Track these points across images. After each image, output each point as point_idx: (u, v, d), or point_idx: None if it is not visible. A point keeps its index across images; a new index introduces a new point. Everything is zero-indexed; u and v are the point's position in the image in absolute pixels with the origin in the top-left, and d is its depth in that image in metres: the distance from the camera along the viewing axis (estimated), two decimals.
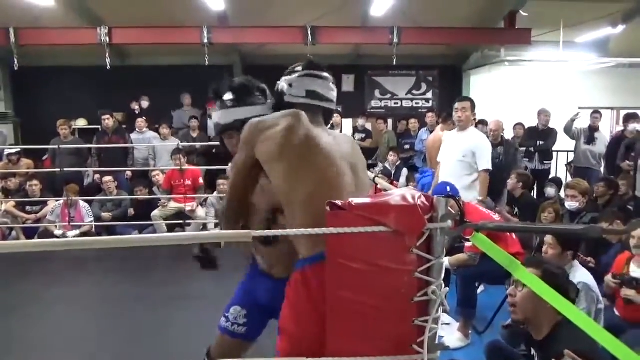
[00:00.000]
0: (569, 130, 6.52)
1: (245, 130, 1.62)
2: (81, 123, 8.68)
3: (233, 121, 1.82)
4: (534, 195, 6.19)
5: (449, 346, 3.08)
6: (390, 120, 8.91)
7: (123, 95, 8.30)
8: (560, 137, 6.63)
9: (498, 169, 5.37)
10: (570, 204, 4.12)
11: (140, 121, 7.16)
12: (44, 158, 7.39)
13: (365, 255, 1.25)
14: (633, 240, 2.82)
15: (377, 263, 1.24)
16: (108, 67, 7.14)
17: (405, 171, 7.00)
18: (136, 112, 7.98)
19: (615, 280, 2.76)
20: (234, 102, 1.83)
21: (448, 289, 1.33)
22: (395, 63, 7.46)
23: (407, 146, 7.52)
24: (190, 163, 6.38)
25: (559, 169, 7.21)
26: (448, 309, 1.36)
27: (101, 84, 8.41)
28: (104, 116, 6.52)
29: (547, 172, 6.69)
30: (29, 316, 3.71)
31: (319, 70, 1.74)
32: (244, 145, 1.61)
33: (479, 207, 3.61)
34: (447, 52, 9.33)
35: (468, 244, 3.25)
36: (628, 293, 2.64)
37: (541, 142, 6.55)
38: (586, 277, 2.54)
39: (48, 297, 4.11)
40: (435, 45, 8.47)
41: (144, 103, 8.10)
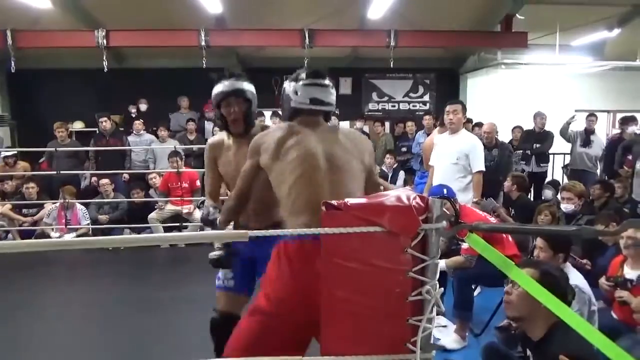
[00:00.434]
0: (564, 133, 6.55)
1: (252, 142, 1.93)
2: (78, 126, 8.66)
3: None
4: (531, 198, 6.21)
5: (443, 345, 3.10)
6: (387, 123, 8.92)
7: (120, 97, 8.29)
8: (556, 140, 6.65)
9: (493, 171, 5.40)
10: (566, 206, 4.13)
11: (138, 123, 7.15)
12: (40, 161, 7.38)
13: (360, 255, 1.26)
14: (622, 241, 2.84)
15: (372, 263, 1.25)
16: (105, 70, 7.14)
17: (402, 174, 7.01)
18: (133, 115, 7.97)
19: (608, 283, 2.78)
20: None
21: (443, 290, 1.34)
22: (392, 66, 7.49)
23: (404, 149, 7.52)
24: (187, 165, 6.38)
25: (555, 171, 7.24)
26: (443, 310, 1.37)
27: (98, 87, 8.40)
28: (101, 118, 6.51)
29: (544, 175, 6.71)
30: (24, 320, 3.69)
31: (322, 79, 1.97)
32: (251, 154, 1.92)
33: (474, 209, 3.62)
34: (444, 55, 9.36)
35: (465, 246, 3.27)
36: (622, 294, 2.66)
37: (537, 145, 6.57)
38: (578, 279, 2.54)
39: (43, 301, 4.09)
40: (432, 48, 8.50)
41: (142, 106, 8.10)
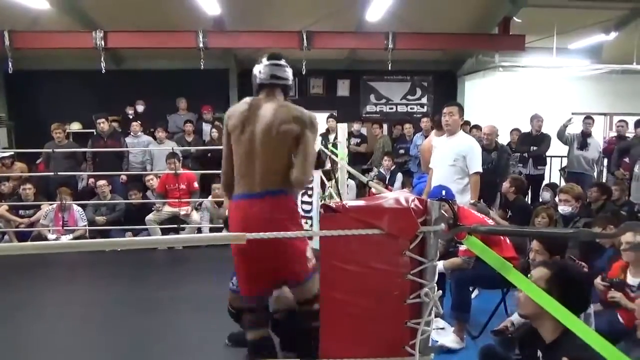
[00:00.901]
0: (561, 135, 6.57)
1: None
2: (75, 127, 8.64)
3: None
4: (528, 200, 6.22)
5: (443, 344, 3.10)
6: (385, 125, 8.93)
7: (118, 99, 8.26)
8: (554, 143, 6.67)
9: (491, 174, 5.41)
10: (564, 208, 4.14)
11: (135, 125, 7.13)
12: (37, 162, 7.35)
13: (358, 257, 1.26)
14: (622, 245, 2.85)
15: (371, 265, 1.25)
16: (103, 71, 7.13)
17: (400, 176, 7.02)
18: (130, 117, 7.95)
19: (603, 283, 2.77)
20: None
21: (441, 292, 1.34)
22: (390, 68, 7.50)
23: (402, 151, 7.53)
24: (184, 167, 6.37)
25: (553, 174, 7.25)
26: (441, 312, 1.36)
27: (96, 88, 8.39)
28: (99, 120, 6.49)
29: (541, 178, 6.72)
30: (23, 320, 3.68)
31: (278, 60, 2.48)
32: (225, 128, 2.44)
33: (472, 211, 3.62)
34: (442, 58, 9.38)
35: (462, 247, 3.27)
36: (615, 295, 2.66)
37: (535, 148, 6.59)
38: None
39: (42, 302, 4.08)
40: (430, 50, 8.53)
41: (139, 107, 8.07)
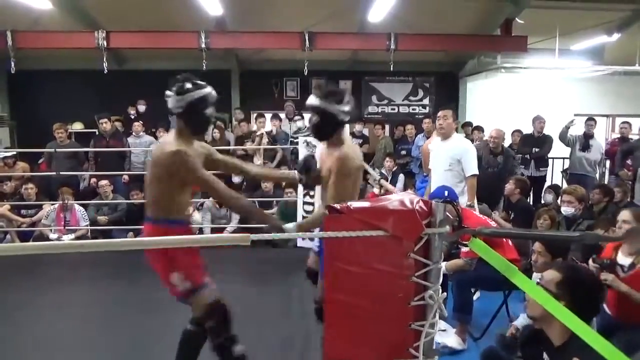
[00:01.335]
0: (563, 137, 6.56)
1: None
2: (77, 127, 8.66)
3: None
4: (530, 202, 6.20)
5: (446, 344, 3.10)
6: (387, 126, 8.91)
7: (120, 99, 8.29)
8: (556, 144, 6.66)
9: (496, 178, 5.40)
10: (566, 210, 4.13)
11: (137, 125, 7.13)
12: (39, 161, 7.36)
13: (362, 258, 1.25)
14: (620, 230, 2.80)
15: (375, 267, 1.25)
16: (105, 71, 7.14)
17: (402, 177, 7.00)
18: (132, 117, 7.95)
19: (594, 264, 2.70)
20: None
21: (445, 294, 1.33)
22: (392, 69, 7.50)
23: (404, 152, 7.52)
24: None
25: (555, 175, 7.24)
26: (446, 315, 1.36)
27: (98, 88, 8.41)
28: (101, 120, 6.50)
29: (543, 179, 6.70)
30: (23, 320, 3.68)
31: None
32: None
33: (475, 213, 3.62)
34: (444, 59, 9.38)
35: (464, 249, 3.26)
36: (607, 277, 2.56)
37: (537, 149, 6.57)
38: None
39: (42, 301, 4.07)
40: (432, 51, 8.53)
41: (141, 107, 8.07)
